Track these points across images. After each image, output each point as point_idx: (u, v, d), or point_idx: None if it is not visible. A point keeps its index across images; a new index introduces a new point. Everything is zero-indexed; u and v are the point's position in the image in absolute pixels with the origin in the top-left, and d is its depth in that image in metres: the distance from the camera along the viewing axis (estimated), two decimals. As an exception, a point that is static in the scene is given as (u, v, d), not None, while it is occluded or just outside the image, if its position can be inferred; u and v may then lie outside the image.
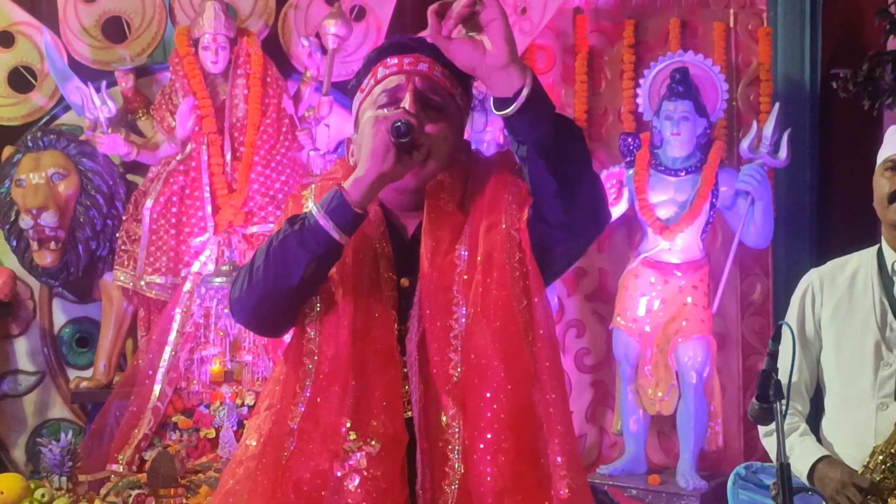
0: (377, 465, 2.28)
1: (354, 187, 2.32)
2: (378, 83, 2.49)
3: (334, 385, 2.33)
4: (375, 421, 2.30)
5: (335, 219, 2.31)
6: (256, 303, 2.37)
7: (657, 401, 6.11)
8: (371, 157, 2.32)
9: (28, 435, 6.40)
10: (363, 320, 2.36)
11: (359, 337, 2.35)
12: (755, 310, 6.61)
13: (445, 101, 2.48)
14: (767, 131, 6.14)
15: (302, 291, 2.35)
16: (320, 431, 2.31)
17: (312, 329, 2.38)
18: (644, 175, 6.21)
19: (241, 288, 2.39)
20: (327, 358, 2.35)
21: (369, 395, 2.32)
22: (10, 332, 6.46)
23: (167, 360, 5.71)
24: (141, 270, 6.00)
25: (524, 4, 6.48)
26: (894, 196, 3.35)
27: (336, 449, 2.29)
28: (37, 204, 5.93)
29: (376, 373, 2.34)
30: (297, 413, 2.33)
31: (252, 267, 2.37)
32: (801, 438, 3.43)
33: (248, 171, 6.04)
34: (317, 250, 2.31)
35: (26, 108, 6.43)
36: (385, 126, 2.32)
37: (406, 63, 2.48)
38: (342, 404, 2.31)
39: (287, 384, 2.38)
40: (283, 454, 2.32)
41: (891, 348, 3.34)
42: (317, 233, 2.31)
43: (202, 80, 6.09)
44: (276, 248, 2.33)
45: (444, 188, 2.43)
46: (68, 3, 6.36)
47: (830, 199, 7.01)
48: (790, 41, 6.94)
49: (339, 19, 6.18)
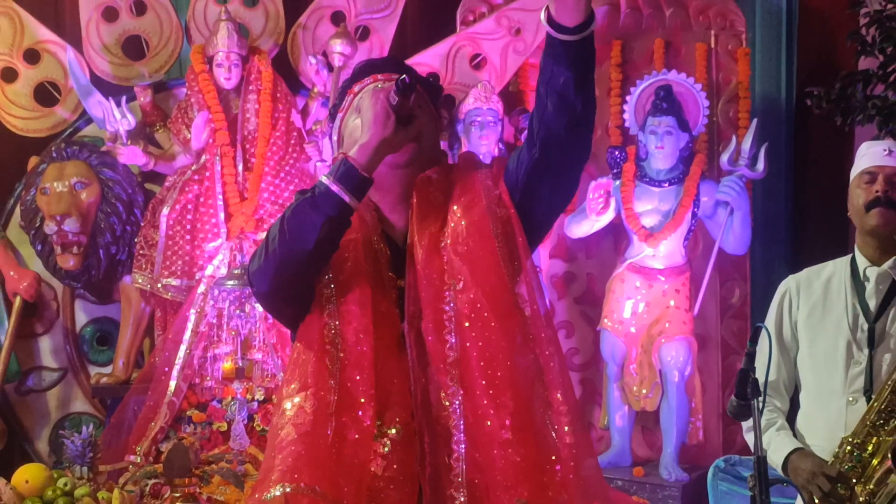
0: (399, 449, 2.31)
1: (360, 153, 2.35)
2: (356, 96, 2.52)
3: (359, 372, 2.33)
4: (393, 408, 2.32)
5: (345, 183, 2.33)
6: (276, 269, 2.35)
7: (642, 398, 6.11)
8: (373, 123, 2.35)
9: (51, 427, 6.40)
10: (375, 314, 2.37)
11: (374, 329, 2.36)
12: (734, 313, 6.61)
13: (420, 101, 2.49)
14: (746, 145, 6.15)
15: (316, 255, 2.35)
16: (351, 416, 2.32)
17: (332, 318, 2.38)
18: (630, 186, 6.22)
19: (259, 259, 2.38)
20: (350, 345, 2.35)
21: (385, 384, 2.34)
22: (35, 331, 6.46)
23: (182, 357, 5.71)
24: (158, 273, 6.00)
25: (518, 26, 6.49)
26: (871, 204, 3.36)
27: (366, 431, 2.31)
28: (60, 211, 5.93)
29: (387, 365, 2.35)
30: (333, 400, 2.33)
31: (268, 239, 2.37)
32: (777, 433, 3.43)
33: (259, 180, 6.04)
34: (330, 212, 2.32)
35: (51, 121, 6.43)
36: (384, 94, 2.36)
37: (380, 77, 2.52)
38: (367, 392, 2.32)
39: (318, 369, 2.36)
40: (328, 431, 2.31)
41: (861, 348, 3.35)
42: (329, 197, 2.32)
43: (216, 96, 6.09)
44: (291, 217, 2.34)
45: (432, 182, 2.46)
46: (91, 23, 6.36)
47: (805, 210, 7.02)
48: (767, 61, 6.96)
49: (344, 39, 6.18)
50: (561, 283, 6.68)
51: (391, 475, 2.30)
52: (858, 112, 5.90)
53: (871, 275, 3.38)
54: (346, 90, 2.57)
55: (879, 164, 3.37)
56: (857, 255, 3.44)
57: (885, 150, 3.39)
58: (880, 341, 3.34)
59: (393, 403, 2.33)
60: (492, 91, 6.24)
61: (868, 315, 3.37)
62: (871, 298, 3.38)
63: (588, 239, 6.52)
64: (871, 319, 3.36)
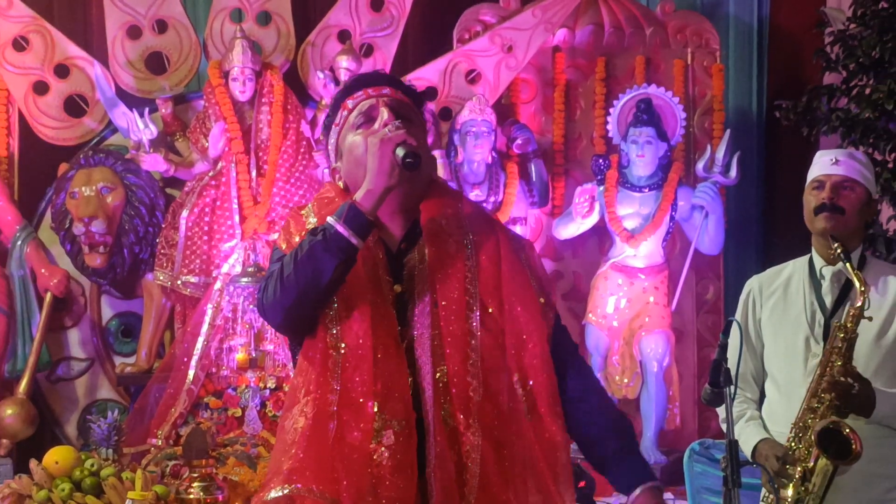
0: (402, 440, 2.30)
1: (366, 199, 2.33)
2: (351, 111, 2.50)
3: (359, 371, 2.33)
4: (395, 404, 2.32)
5: (353, 227, 2.32)
6: (291, 304, 2.35)
7: (623, 386, 6.13)
8: (379, 174, 2.33)
9: (79, 413, 6.40)
10: (373, 316, 2.36)
11: (371, 331, 2.36)
12: (708, 308, 6.64)
13: (411, 114, 2.48)
14: (720, 154, 6.17)
15: (328, 292, 2.35)
16: (354, 413, 2.32)
17: (333, 326, 2.37)
18: (613, 191, 6.23)
19: (273, 294, 2.36)
20: (350, 348, 2.35)
21: (386, 380, 2.33)
22: (65, 325, 6.46)
23: (200, 348, 5.70)
24: (178, 271, 6.01)
25: (510, 43, 6.50)
26: (818, 209, 3.38)
27: (368, 427, 2.30)
28: (88, 213, 5.94)
29: (386, 362, 2.34)
30: (334, 399, 2.33)
31: (282, 276, 2.34)
32: (747, 423, 3.45)
33: (271, 185, 6.05)
34: (340, 255, 2.31)
35: (79, 130, 6.43)
36: (390, 147, 2.33)
37: (371, 91, 2.49)
38: (368, 388, 2.32)
39: (320, 375, 2.36)
40: (329, 433, 2.31)
41: (818, 341, 3.36)
42: (339, 240, 2.31)
43: (231, 108, 6.09)
44: (304, 258, 2.32)
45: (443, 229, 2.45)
46: (116, 40, 6.37)
47: (774, 213, 7.04)
48: (740, 77, 6.99)
49: (350, 55, 6.19)
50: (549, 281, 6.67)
51: (394, 464, 2.29)
52: (823, 123, 5.92)
53: (827, 273, 3.40)
54: (339, 104, 2.55)
55: (827, 172, 3.39)
56: (813, 255, 3.46)
57: (832, 160, 3.41)
58: (835, 336, 3.35)
59: (394, 399, 2.32)
60: (486, 104, 6.25)
61: (824, 310, 3.38)
62: (827, 295, 3.39)
63: (574, 240, 6.54)
64: (828, 315, 3.37)
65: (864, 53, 5.74)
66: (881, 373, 3.29)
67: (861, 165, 3.40)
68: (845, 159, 3.40)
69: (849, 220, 3.35)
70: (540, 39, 6.50)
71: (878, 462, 3.20)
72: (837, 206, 3.34)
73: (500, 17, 6.59)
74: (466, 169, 6.27)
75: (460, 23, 6.64)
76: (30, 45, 6.31)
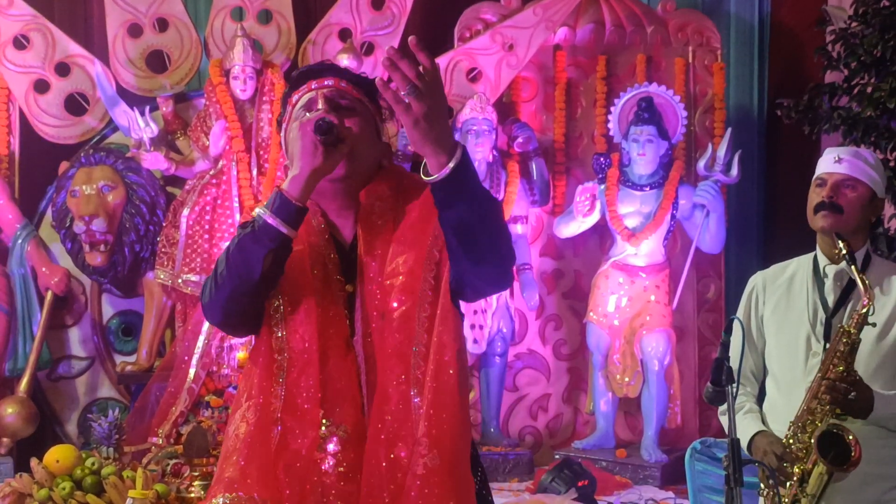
0: (348, 448, 2.25)
1: (292, 185, 2.27)
2: (294, 105, 2.44)
3: (305, 376, 2.28)
4: (341, 409, 2.26)
5: (281, 215, 2.25)
6: (225, 301, 2.30)
7: (624, 385, 6.12)
8: (302, 156, 2.27)
9: (80, 411, 6.40)
10: (321, 318, 2.31)
11: (320, 333, 2.30)
12: (710, 307, 6.63)
13: (354, 104, 2.41)
14: (721, 152, 6.16)
15: (262, 285, 2.29)
16: (298, 419, 2.27)
17: (279, 329, 2.32)
18: (614, 190, 6.22)
19: (210, 293, 2.32)
20: (296, 352, 2.29)
21: (334, 385, 2.28)
22: (65, 323, 6.45)
23: (200, 347, 5.70)
24: (178, 269, 6.00)
25: (511, 42, 6.49)
26: (817, 207, 3.37)
27: (314, 435, 2.25)
28: (89, 212, 5.94)
29: (336, 365, 2.29)
30: (278, 405, 2.28)
31: (216, 273, 2.30)
32: (745, 415, 3.44)
33: (272, 184, 6.04)
34: (270, 245, 2.25)
35: (80, 129, 6.42)
36: (309, 127, 2.27)
37: (314, 84, 2.43)
38: (314, 394, 2.26)
39: (263, 378, 2.31)
40: (272, 440, 2.26)
41: (819, 339, 3.35)
42: (268, 230, 2.25)
43: (232, 106, 6.08)
44: (234, 251, 2.27)
45: (375, 211, 2.38)
46: (117, 39, 6.36)
47: (775, 212, 7.03)
48: (741, 75, 6.97)
49: (350, 53, 6.18)
50: (550, 279, 6.68)
51: (342, 471, 2.24)
52: (825, 122, 5.90)
53: (830, 272, 3.38)
54: (287, 100, 2.49)
55: (829, 170, 3.38)
56: (818, 253, 3.45)
57: (835, 158, 3.40)
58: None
59: (342, 402, 2.27)
60: (487, 102, 6.24)
61: (826, 309, 3.37)
62: (830, 294, 3.38)
63: (575, 238, 6.53)
64: (829, 314, 3.36)
65: (866, 52, 5.72)
66: (881, 373, 3.28)
67: (866, 164, 3.38)
68: (850, 158, 3.38)
69: (848, 219, 3.34)
70: (541, 38, 6.49)
71: (876, 463, 3.18)
72: (836, 204, 3.33)
73: (500, 15, 6.58)
74: (467, 167, 6.26)
75: (461, 21, 6.64)
76: (30, 43, 6.31)
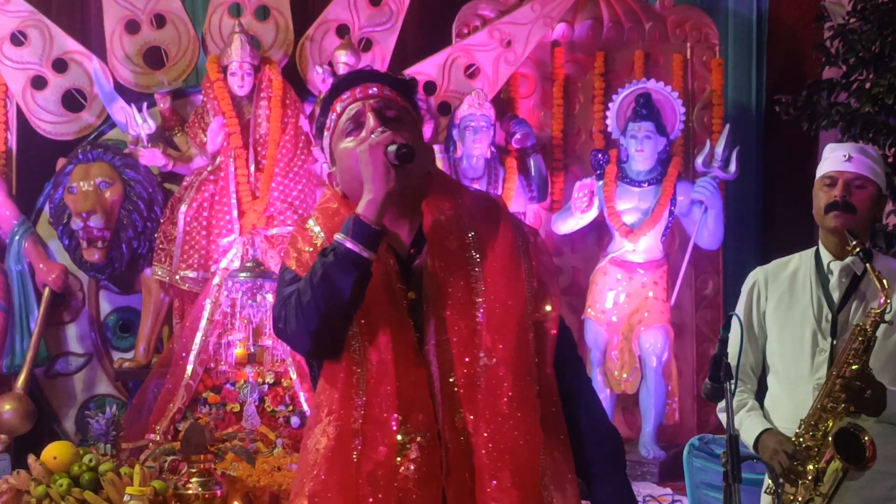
0: (426, 454, 2.28)
1: (368, 209, 2.30)
2: (340, 115, 2.45)
3: (382, 386, 2.30)
4: (415, 416, 2.30)
5: (361, 240, 2.28)
6: (317, 329, 2.32)
7: (622, 381, 6.11)
8: (375, 180, 2.30)
9: (77, 408, 6.39)
10: (392, 328, 2.34)
11: (393, 342, 2.33)
12: (708, 303, 6.62)
13: (400, 112, 2.43)
14: (719, 149, 6.15)
15: (351, 310, 2.32)
16: (378, 428, 2.29)
17: (355, 342, 2.35)
18: (612, 186, 6.21)
19: (297, 322, 2.34)
20: (373, 363, 2.32)
21: (408, 392, 2.31)
22: (63, 320, 6.45)
23: (198, 343, 5.69)
24: (176, 266, 5.99)
25: (509, 38, 6.48)
26: (829, 207, 3.35)
27: (392, 442, 2.28)
28: (86, 208, 5.93)
29: (407, 373, 2.32)
30: (359, 415, 2.31)
31: (301, 303, 2.31)
32: (748, 413, 3.43)
33: (270, 180, 6.04)
34: (355, 271, 2.28)
35: (77, 125, 6.42)
36: (380, 150, 2.30)
37: (357, 92, 2.44)
38: (392, 402, 2.29)
39: (344, 392, 2.34)
40: (353, 452, 2.30)
41: (825, 336, 3.34)
42: (351, 256, 2.28)
43: (230, 102, 6.08)
44: (320, 282, 2.29)
45: (442, 225, 2.41)
46: (114, 35, 6.35)
47: (773, 208, 7.03)
48: (739, 71, 6.97)
49: (348, 50, 6.17)
50: (548, 276, 6.66)
51: (419, 476, 2.27)
52: (823, 118, 5.90)
53: (835, 268, 3.37)
54: (328, 108, 2.50)
55: (839, 169, 3.36)
56: (820, 249, 3.44)
57: (845, 156, 3.38)
58: (842, 331, 3.33)
59: (416, 410, 2.30)
60: (485, 98, 6.24)
61: (832, 306, 3.36)
62: (835, 290, 3.37)
63: (573, 235, 6.52)
64: (835, 310, 3.35)
65: (864, 48, 5.72)
66: (888, 370, 3.27)
67: (872, 161, 3.38)
68: (858, 155, 3.37)
69: (860, 218, 3.33)
70: (539, 34, 6.48)
71: (884, 460, 3.17)
72: (849, 204, 3.31)
73: (498, 11, 6.57)
74: (465, 164, 6.26)
75: (459, 17, 6.63)
76: (28, 39, 6.30)
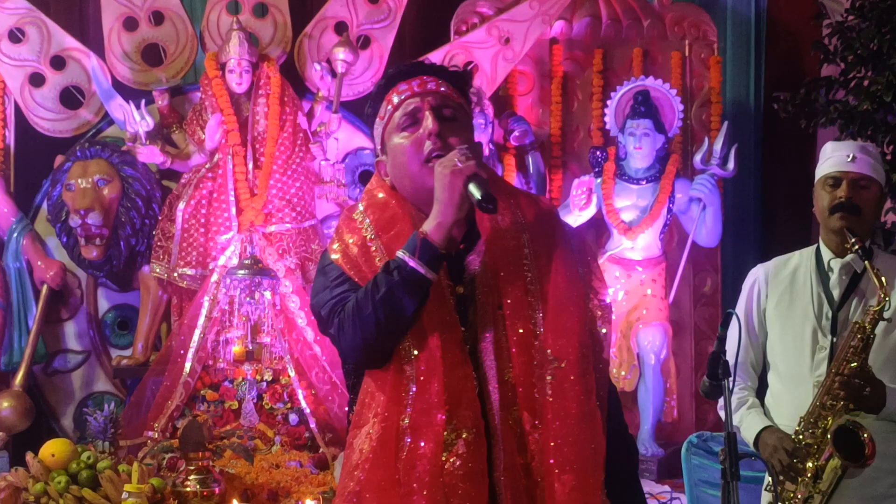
0: (473, 449, 2.30)
1: (436, 232, 2.33)
2: (396, 109, 2.46)
3: (432, 383, 2.32)
4: (463, 411, 2.32)
5: (426, 261, 2.32)
6: (374, 342, 2.35)
7: (621, 379, 6.11)
8: (449, 205, 2.32)
9: (76, 406, 6.38)
10: (439, 324, 2.36)
11: (441, 339, 2.35)
12: (706, 301, 6.62)
13: (456, 110, 2.46)
14: (717, 146, 6.15)
15: (410, 326, 2.35)
16: (425, 424, 2.32)
17: (405, 341, 2.37)
18: (610, 183, 6.22)
19: (354, 333, 2.37)
20: (422, 360, 2.34)
21: (454, 388, 2.33)
22: (61, 317, 6.44)
23: (196, 341, 5.69)
24: (174, 263, 5.99)
25: (507, 35, 6.47)
26: (835, 208, 3.35)
27: (439, 438, 2.30)
28: (84, 206, 5.92)
29: (453, 369, 2.34)
30: (407, 413, 2.34)
31: (361, 315, 2.34)
32: (749, 411, 3.44)
33: (268, 178, 6.03)
34: (418, 291, 2.32)
35: (75, 122, 6.41)
36: (461, 180, 2.31)
37: (416, 86, 2.46)
38: (439, 399, 2.31)
39: (393, 391, 2.36)
40: (398, 450, 2.32)
41: (825, 334, 3.35)
42: (415, 277, 2.31)
43: (228, 100, 6.07)
44: (385, 298, 2.32)
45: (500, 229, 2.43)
46: (112, 32, 6.34)
47: (772, 205, 7.02)
48: (737, 69, 6.96)
49: (347, 47, 6.16)
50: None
51: (465, 472, 2.29)
52: (821, 115, 5.90)
53: (835, 266, 3.38)
54: (382, 97, 2.50)
55: (843, 169, 3.36)
56: (821, 247, 3.44)
57: (849, 156, 3.37)
58: (843, 328, 3.33)
59: (463, 407, 2.32)
60: (483, 96, 6.23)
61: (832, 303, 3.37)
62: (835, 288, 3.37)
63: (572, 232, 6.51)
64: (835, 307, 3.35)
65: (863, 45, 5.72)
66: (888, 367, 3.27)
67: (874, 160, 3.38)
68: (861, 155, 3.37)
69: (864, 218, 3.34)
70: (537, 31, 6.48)
71: (884, 458, 3.18)
72: (855, 205, 3.32)
73: (497, 8, 6.57)
74: (464, 161, 6.25)
75: (457, 14, 6.62)
76: (26, 36, 6.29)
